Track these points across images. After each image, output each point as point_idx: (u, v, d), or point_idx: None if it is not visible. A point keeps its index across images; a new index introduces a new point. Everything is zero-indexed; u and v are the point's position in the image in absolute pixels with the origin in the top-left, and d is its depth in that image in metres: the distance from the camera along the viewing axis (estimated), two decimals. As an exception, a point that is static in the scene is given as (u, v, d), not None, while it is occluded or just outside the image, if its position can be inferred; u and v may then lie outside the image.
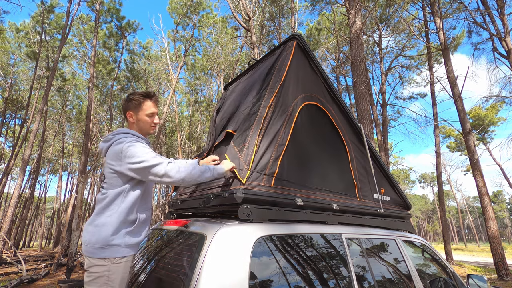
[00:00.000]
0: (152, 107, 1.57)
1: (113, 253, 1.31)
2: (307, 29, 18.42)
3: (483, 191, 9.03)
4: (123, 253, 1.35)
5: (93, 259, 1.31)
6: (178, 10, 16.69)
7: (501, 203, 54.06)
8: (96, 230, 1.34)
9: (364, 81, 7.77)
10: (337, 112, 2.34)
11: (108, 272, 1.28)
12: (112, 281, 1.28)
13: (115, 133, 1.51)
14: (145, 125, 1.57)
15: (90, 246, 1.33)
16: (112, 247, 1.32)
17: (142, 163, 1.34)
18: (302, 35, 2.20)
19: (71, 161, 29.26)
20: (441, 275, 2.23)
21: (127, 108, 1.57)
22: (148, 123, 1.57)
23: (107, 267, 1.29)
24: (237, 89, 2.56)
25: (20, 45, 18.29)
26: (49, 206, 49.02)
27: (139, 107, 1.55)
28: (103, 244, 1.31)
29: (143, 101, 1.55)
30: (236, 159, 1.60)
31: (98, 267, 1.29)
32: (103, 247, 1.30)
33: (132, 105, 1.55)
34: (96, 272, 1.29)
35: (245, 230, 1.31)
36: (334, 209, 1.90)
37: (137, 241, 1.44)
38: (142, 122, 1.56)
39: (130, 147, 1.38)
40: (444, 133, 28.12)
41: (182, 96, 24.57)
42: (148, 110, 1.55)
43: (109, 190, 1.41)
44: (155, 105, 1.59)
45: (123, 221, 1.37)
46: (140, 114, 1.55)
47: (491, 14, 10.37)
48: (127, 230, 1.38)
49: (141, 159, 1.35)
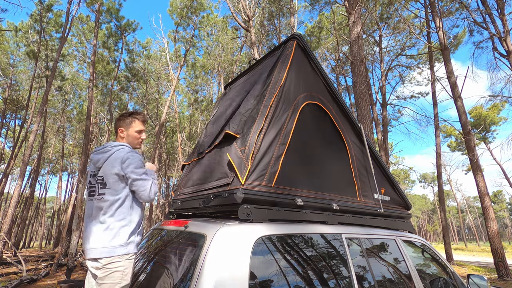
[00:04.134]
0: (141, 125, 1.80)
1: (130, 249, 1.51)
2: (307, 30, 18.43)
3: (483, 191, 9.02)
4: (136, 249, 1.56)
5: (109, 258, 1.46)
6: (178, 11, 16.70)
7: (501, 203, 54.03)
8: (113, 232, 1.50)
9: (364, 81, 7.76)
10: (337, 112, 2.34)
11: (123, 267, 1.45)
12: (126, 274, 1.46)
13: (113, 145, 1.67)
14: (133, 140, 1.78)
15: (108, 247, 1.48)
16: (129, 244, 1.51)
17: (142, 176, 1.59)
18: (301, 35, 2.20)
19: (71, 162, 29.27)
20: (441, 275, 2.23)
21: (119, 125, 1.78)
22: (136, 138, 1.79)
23: (122, 263, 1.46)
24: (238, 89, 2.56)
25: (18, 44, 18.30)
26: (49, 207, 49.05)
27: (130, 124, 1.77)
28: (124, 242, 1.49)
29: (133, 119, 1.79)
30: (238, 158, 1.60)
31: (115, 263, 1.45)
32: (124, 245, 1.49)
33: (124, 123, 1.77)
34: (113, 267, 1.44)
35: (245, 230, 1.31)
36: (334, 209, 1.90)
37: (141, 240, 1.64)
38: (131, 137, 1.77)
39: (134, 158, 1.60)
40: (445, 132, 28.07)
41: (182, 96, 24.59)
42: (137, 127, 1.78)
43: (113, 195, 1.55)
44: (143, 124, 1.82)
45: (136, 221, 1.58)
46: (130, 130, 1.77)
47: (491, 14, 10.37)
48: (138, 230, 1.60)
49: (143, 172, 1.60)
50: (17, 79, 19.89)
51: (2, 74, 18.20)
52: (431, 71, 14.78)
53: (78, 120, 22.86)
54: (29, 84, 18.37)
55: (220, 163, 1.82)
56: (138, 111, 1.86)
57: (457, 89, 10.01)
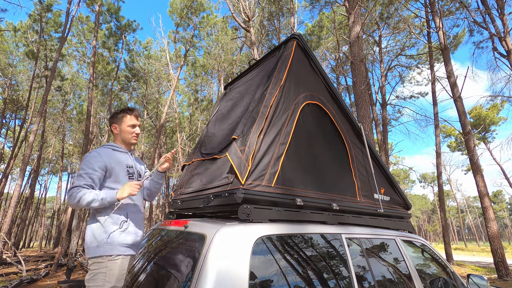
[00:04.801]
0: (134, 119, 1.78)
1: (108, 250, 1.43)
2: (307, 29, 18.42)
3: (483, 191, 9.02)
4: (119, 251, 1.46)
5: (92, 258, 1.44)
6: (178, 12, 16.70)
7: (501, 203, 54.03)
8: (91, 231, 1.49)
9: (364, 81, 7.76)
10: (337, 112, 2.34)
11: (106, 269, 1.39)
12: (110, 277, 1.39)
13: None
14: (127, 135, 1.76)
15: (88, 246, 1.45)
16: (106, 245, 1.44)
17: (80, 172, 1.55)
18: (301, 35, 2.20)
19: (71, 162, 29.25)
20: (441, 275, 2.23)
21: (112, 121, 1.79)
22: (130, 133, 1.76)
23: (104, 264, 1.40)
24: (238, 90, 2.55)
25: (18, 45, 18.29)
26: (49, 207, 49.04)
27: (121, 119, 1.77)
28: (99, 243, 1.44)
29: (125, 114, 1.78)
30: (238, 158, 1.60)
31: (97, 264, 1.40)
32: (99, 245, 1.43)
33: (116, 119, 1.78)
34: (95, 269, 1.39)
35: (245, 230, 1.31)
36: (334, 209, 1.90)
37: (133, 241, 1.56)
38: (125, 132, 1.76)
39: (90, 155, 1.58)
40: (445, 132, 28.05)
41: (182, 96, 24.59)
42: (130, 122, 1.77)
43: None
44: (136, 118, 1.80)
45: (114, 222, 1.51)
46: (123, 125, 1.76)
47: (491, 13, 10.37)
48: (121, 229, 1.52)
49: (84, 172, 1.53)
50: (17, 79, 19.89)
51: (2, 74, 18.19)
52: (431, 71, 14.78)
53: (78, 120, 22.85)
54: (28, 84, 18.37)
55: (222, 165, 1.81)
56: (130, 107, 1.85)
57: (457, 89, 10.02)
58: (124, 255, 1.48)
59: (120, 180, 1.63)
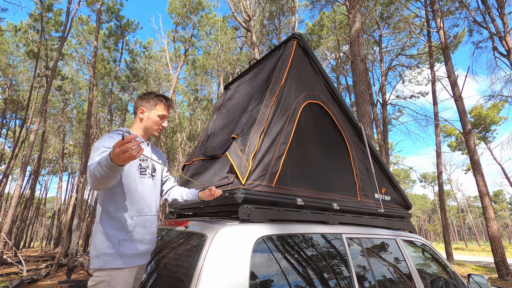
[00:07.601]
0: (165, 110, 1.56)
1: (108, 263, 1.22)
2: (307, 28, 18.42)
3: (483, 191, 9.01)
4: (123, 263, 1.24)
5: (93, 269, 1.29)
6: (177, 10, 16.70)
7: (501, 202, 53.96)
8: (93, 237, 1.31)
9: (364, 81, 7.76)
10: (338, 112, 2.34)
11: (109, 277, 1.22)
12: (113, 286, 1.22)
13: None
14: (152, 125, 1.53)
15: (90, 255, 1.29)
16: (107, 256, 1.23)
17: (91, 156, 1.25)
18: (302, 34, 2.19)
19: (71, 162, 29.26)
20: (442, 275, 2.23)
21: (141, 104, 1.53)
22: (157, 123, 1.54)
23: (107, 272, 1.22)
24: (239, 90, 2.55)
25: (18, 45, 18.29)
26: (50, 207, 49.07)
27: (154, 106, 1.53)
28: (98, 253, 1.24)
29: (159, 102, 1.55)
30: (238, 158, 1.60)
31: (100, 271, 1.23)
32: (98, 256, 1.23)
33: (148, 103, 1.53)
34: (98, 276, 1.23)
35: (245, 230, 1.31)
36: (335, 209, 1.89)
37: (141, 250, 1.32)
38: (151, 121, 1.52)
39: (99, 140, 1.33)
40: (445, 132, 28.03)
41: (182, 96, 24.59)
42: (161, 112, 1.54)
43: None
44: (167, 109, 1.58)
45: (117, 227, 1.28)
46: (153, 113, 1.53)
47: (491, 13, 10.35)
48: (123, 238, 1.27)
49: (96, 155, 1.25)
50: (17, 79, 19.89)
51: (2, 74, 18.19)
52: (431, 70, 14.77)
53: (78, 120, 22.86)
54: (29, 84, 18.37)
55: (222, 164, 1.81)
56: (166, 96, 1.60)
57: (457, 88, 10.01)
58: (130, 267, 1.27)
59: (131, 174, 1.36)
